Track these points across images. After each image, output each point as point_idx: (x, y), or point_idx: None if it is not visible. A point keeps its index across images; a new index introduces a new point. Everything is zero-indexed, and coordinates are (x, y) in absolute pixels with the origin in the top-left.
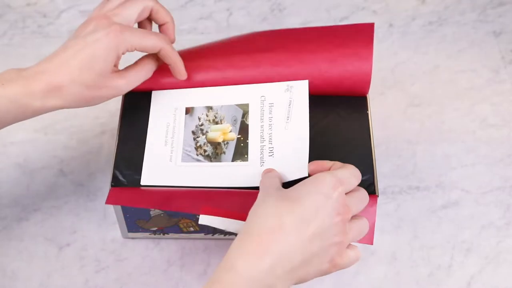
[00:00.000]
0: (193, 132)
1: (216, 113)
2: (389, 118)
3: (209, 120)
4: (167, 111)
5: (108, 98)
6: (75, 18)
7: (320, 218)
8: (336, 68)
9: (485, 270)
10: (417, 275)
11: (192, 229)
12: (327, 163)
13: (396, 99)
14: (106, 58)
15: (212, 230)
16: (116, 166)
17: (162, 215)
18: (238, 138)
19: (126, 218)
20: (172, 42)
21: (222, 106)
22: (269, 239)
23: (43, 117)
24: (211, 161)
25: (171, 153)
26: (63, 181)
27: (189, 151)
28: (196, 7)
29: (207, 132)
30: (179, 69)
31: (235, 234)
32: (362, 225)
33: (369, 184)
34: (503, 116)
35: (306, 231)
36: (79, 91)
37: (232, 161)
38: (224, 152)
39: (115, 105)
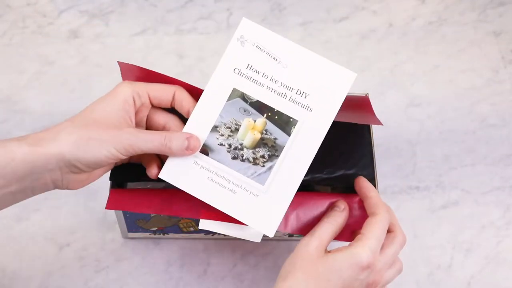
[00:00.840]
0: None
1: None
2: (389, 118)
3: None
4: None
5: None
6: (75, 18)
7: None
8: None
9: (485, 270)
10: (417, 275)
11: (192, 229)
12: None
13: (396, 99)
14: None
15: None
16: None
17: (162, 215)
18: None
19: (126, 218)
20: None
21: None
22: None
23: (43, 117)
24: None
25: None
26: None
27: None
28: (196, 7)
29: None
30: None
31: None
32: (390, 279)
33: None
34: (503, 116)
35: None
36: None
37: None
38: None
39: None
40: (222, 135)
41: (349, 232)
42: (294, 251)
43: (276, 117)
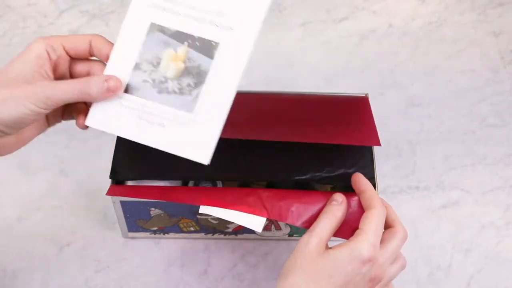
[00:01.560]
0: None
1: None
2: (389, 118)
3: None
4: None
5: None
6: (76, 18)
7: None
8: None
9: (485, 269)
10: (417, 275)
11: (192, 229)
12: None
13: (396, 99)
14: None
15: (212, 230)
16: (115, 162)
17: (162, 215)
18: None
19: (126, 218)
20: None
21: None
22: None
23: None
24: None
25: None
26: (63, 181)
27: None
28: None
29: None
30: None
31: (235, 234)
32: (393, 274)
33: None
34: (503, 116)
35: None
36: None
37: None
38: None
39: None
40: (145, 71)
41: (350, 230)
42: (294, 249)
43: (197, 43)
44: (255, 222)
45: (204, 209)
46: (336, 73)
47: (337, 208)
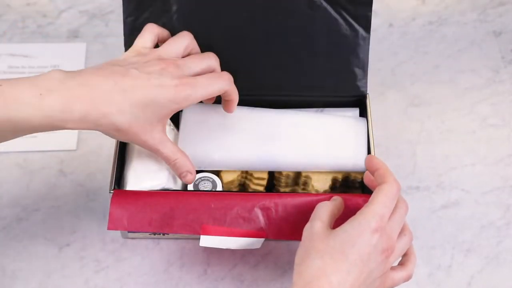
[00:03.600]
0: None
1: None
2: (389, 118)
3: None
4: None
5: (130, 141)
6: (75, 18)
7: (366, 267)
8: None
9: (485, 270)
10: (417, 275)
11: None
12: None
13: (396, 99)
14: (163, 108)
15: None
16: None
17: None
18: None
19: None
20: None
21: None
22: None
23: None
24: None
25: None
26: (63, 181)
27: None
28: None
29: None
30: (234, 105)
31: None
32: (402, 245)
33: None
34: (503, 116)
35: (355, 283)
36: (116, 124)
37: None
38: None
39: None
40: None
41: None
42: (301, 239)
43: None
44: (255, 242)
45: (204, 242)
46: None
47: (334, 198)
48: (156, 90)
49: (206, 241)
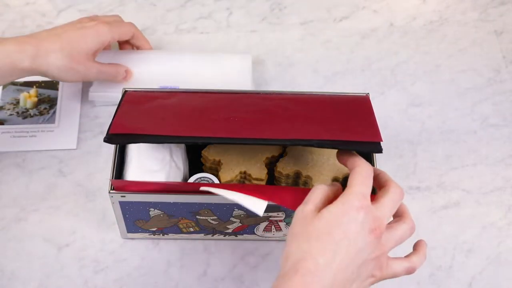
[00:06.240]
0: None
1: None
2: (390, 118)
3: None
4: None
5: (80, 78)
6: (74, 17)
7: (353, 246)
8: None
9: (486, 270)
10: (417, 275)
11: (192, 229)
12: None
13: (397, 98)
14: (92, 41)
15: (212, 231)
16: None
17: (161, 215)
18: None
19: (125, 219)
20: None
21: None
22: (307, 281)
23: None
24: None
25: None
26: (62, 182)
27: None
28: (195, 6)
29: None
30: (148, 48)
31: (235, 234)
32: (400, 232)
33: None
34: (504, 116)
35: (342, 263)
36: (63, 59)
37: None
38: None
39: (115, 106)
40: (9, 109)
41: None
42: (292, 220)
43: (43, 84)
44: (257, 205)
45: (205, 188)
46: (336, 72)
47: (330, 185)
48: (83, 30)
49: (208, 188)
